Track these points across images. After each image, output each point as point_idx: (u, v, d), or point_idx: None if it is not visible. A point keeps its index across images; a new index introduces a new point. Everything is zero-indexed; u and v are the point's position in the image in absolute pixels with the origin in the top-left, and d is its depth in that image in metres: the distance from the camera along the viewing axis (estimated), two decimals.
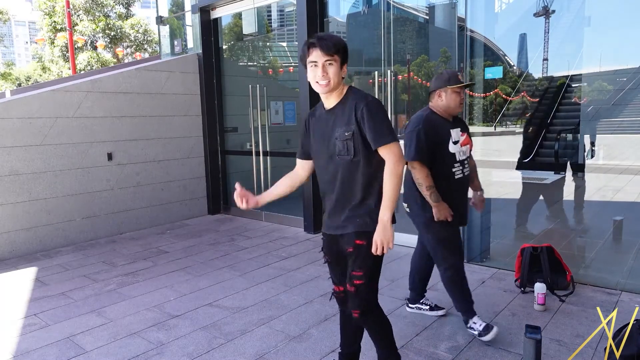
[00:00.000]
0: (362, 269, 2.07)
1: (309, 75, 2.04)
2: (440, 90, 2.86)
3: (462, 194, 2.98)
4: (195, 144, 6.68)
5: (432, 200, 2.79)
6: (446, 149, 2.82)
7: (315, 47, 1.99)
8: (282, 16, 6.70)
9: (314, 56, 2.00)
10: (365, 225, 2.07)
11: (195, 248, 5.15)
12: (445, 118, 2.89)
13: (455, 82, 2.83)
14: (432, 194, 2.78)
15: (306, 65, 2.04)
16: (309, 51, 2.01)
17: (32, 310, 3.57)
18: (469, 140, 2.96)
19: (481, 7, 4.40)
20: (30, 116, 5.05)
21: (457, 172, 2.87)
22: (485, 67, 4.34)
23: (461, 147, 2.88)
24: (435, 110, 2.90)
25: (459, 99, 2.86)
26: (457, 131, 2.88)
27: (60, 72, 24.65)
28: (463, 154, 2.89)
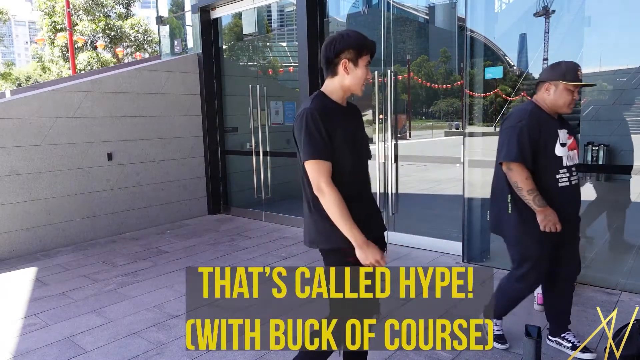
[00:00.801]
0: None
1: (362, 74, 1.95)
2: (550, 83, 2.46)
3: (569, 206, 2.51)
4: (195, 144, 6.68)
5: (537, 205, 2.39)
6: (551, 152, 2.44)
7: (372, 51, 1.98)
8: (282, 16, 6.70)
9: (370, 57, 1.98)
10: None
11: (195, 248, 5.15)
12: (551, 115, 2.51)
13: (572, 78, 2.42)
14: (536, 198, 2.40)
15: (357, 63, 1.94)
16: (369, 52, 1.96)
17: (32, 310, 3.57)
18: (576, 145, 2.54)
19: (481, 7, 4.40)
20: (30, 116, 5.05)
21: (563, 180, 2.47)
22: (485, 67, 4.34)
23: (569, 150, 2.47)
24: (540, 104, 2.53)
25: (570, 99, 2.45)
26: (564, 132, 2.48)
27: (60, 72, 24.65)
28: (570, 159, 2.48)
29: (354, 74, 1.95)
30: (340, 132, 1.93)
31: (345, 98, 2.04)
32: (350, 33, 1.98)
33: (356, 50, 1.93)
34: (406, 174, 5.32)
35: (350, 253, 1.94)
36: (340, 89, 2.00)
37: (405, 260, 4.49)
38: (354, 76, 1.96)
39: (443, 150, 5.54)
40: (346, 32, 1.98)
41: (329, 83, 2.01)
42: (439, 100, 5.31)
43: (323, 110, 1.91)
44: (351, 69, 1.95)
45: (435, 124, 5.44)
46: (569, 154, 2.47)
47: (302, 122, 1.89)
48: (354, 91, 2.00)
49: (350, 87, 1.98)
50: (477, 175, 4.46)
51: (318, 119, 1.87)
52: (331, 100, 1.99)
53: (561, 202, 2.45)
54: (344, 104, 2.04)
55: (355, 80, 1.96)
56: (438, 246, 4.77)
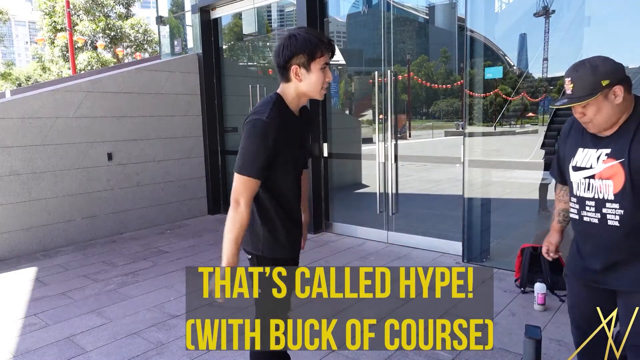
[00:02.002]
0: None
1: (318, 79, 1.78)
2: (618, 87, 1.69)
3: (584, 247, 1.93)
4: (195, 144, 6.68)
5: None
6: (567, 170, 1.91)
7: (329, 48, 1.79)
8: (282, 16, 6.70)
9: (328, 58, 1.79)
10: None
11: (195, 248, 5.15)
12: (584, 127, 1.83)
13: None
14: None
15: (309, 67, 1.76)
16: (323, 53, 1.77)
17: (32, 310, 3.57)
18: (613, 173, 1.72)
19: (481, 7, 4.40)
20: (30, 116, 5.05)
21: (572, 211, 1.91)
22: (485, 67, 4.34)
23: (590, 179, 1.79)
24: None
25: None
26: (590, 153, 1.80)
27: (60, 72, 24.65)
28: (590, 189, 1.80)
29: (308, 79, 1.78)
30: (288, 149, 1.82)
31: (300, 105, 1.89)
32: (299, 34, 1.75)
33: (307, 54, 1.73)
34: (406, 174, 5.32)
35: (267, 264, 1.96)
36: (295, 95, 1.83)
37: (405, 260, 4.50)
38: (308, 82, 1.78)
39: (443, 150, 5.54)
40: (295, 34, 1.76)
41: (284, 87, 1.83)
42: (439, 100, 5.31)
43: (279, 123, 1.75)
44: (303, 74, 1.77)
45: (435, 124, 5.44)
46: (591, 183, 1.79)
47: (251, 131, 1.73)
48: (312, 97, 1.84)
49: (307, 93, 1.82)
50: (477, 175, 4.46)
51: (268, 136, 1.71)
52: (287, 107, 1.83)
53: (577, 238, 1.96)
54: (297, 111, 1.88)
55: (310, 87, 1.79)
56: (438, 246, 4.77)
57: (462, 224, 4.39)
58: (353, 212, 5.91)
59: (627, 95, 1.70)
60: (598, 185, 1.76)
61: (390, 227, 5.16)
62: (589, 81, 1.67)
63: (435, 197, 5.70)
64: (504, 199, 4.78)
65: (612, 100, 1.68)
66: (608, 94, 1.67)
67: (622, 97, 1.68)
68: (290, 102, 1.84)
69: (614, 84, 1.66)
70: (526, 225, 4.70)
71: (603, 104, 1.68)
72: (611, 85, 1.66)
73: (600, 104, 1.68)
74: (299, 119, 1.90)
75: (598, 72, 1.67)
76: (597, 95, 1.66)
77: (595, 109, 1.69)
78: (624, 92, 1.68)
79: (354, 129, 6.02)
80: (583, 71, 1.70)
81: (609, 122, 1.72)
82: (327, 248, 5.06)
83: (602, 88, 1.66)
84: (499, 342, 2.85)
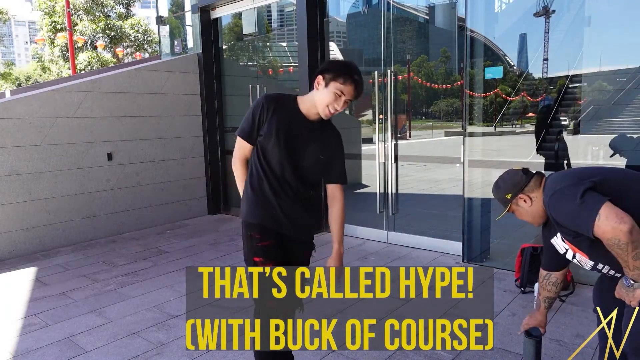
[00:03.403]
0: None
1: (327, 97, 1.99)
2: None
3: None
4: (195, 144, 6.68)
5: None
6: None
7: (353, 85, 1.98)
8: (282, 16, 6.70)
9: (346, 91, 1.98)
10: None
11: (195, 248, 5.15)
12: None
13: None
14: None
15: (328, 84, 1.98)
16: (345, 83, 1.97)
17: (32, 310, 3.57)
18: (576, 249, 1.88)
19: (481, 7, 4.40)
20: (30, 116, 5.05)
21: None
22: (485, 67, 4.34)
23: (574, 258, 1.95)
24: None
25: None
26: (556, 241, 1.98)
27: (60, 72, 24.64)
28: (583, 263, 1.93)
29: (321, 92, 2.01)
30: (277, 128, 2.05)
31: (314, 113, 2.08)
32: (344, 61, 2.11)
33: (333, 74, 1.98)
34: (406, 174, 5.32)
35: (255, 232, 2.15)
36: (310, 102, 2.07)
37: (405, 260, 4.50)
38: (320, 94, 2.02)
39: (443, 150, 5.54)
40: (344, 60, 2.15)
41: (309, 94, 2.11)
42: (439, 100, 5.32)
43: (273, 100, 2.09)
44: (321, 86, 2.01)
45: (435, 124, 5.44)
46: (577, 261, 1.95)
47: (253, 102, 2.14)
48: (318, 109, 2.05)
49: (316, 103, 2.04)
50: (477, 175, 4.46)
51: (259, 105, 2.07)
52: (296, 106, 2.10)
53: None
54: (311, 117, 2.09)
55: (320, 98, 2.02)
56: (438, 246, 4.77)
57: (462, 224, 4.39)
58: (353, 212, 5.91)
59: (537, 192, 1.93)
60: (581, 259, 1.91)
61: (390, 227, 5.16)
62: (499, 198, 2.02)
63: (435, 197, 5.70)
64: None
65: (524, 205, 1.95)
66: (518, 202, 1.96)
67: (530, 199, 1.94)
68: (303, 105, 2.09)
69: (516, 195, 1.95)
70: (526, 225, 4.68)
71: (520, 210, 1.98)
72: (514, 197, 1.95)
73: (518, 210, 1.99)
74: (311, 122, 2.10)
75: (500, 191, 1.99)
76: (510, 206, 1.98)
77: (519, 215, 2.00)
78: (529, 195, 1.93)
79: (354, 128, 6.02)
80: (494, 191, 2.04)
81: (536, 219, 1.99)
82: (327, 248, 5.04)
83: (509, 200, 1.96)
84: (499, 342, 2.85)
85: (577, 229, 1.72)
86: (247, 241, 2.17)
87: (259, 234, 2.12)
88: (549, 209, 1.84)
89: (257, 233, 2.12)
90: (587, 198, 1.66)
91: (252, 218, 2.16)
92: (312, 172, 2.16)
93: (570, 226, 1.77)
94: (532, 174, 1.98)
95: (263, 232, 2.12)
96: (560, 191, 1.77)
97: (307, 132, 2.09)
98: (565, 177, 1.86)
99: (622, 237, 1.58)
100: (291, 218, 2.15)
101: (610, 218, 1.59)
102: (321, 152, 2.14)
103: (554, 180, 1.88)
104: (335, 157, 2.20)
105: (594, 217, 1.61)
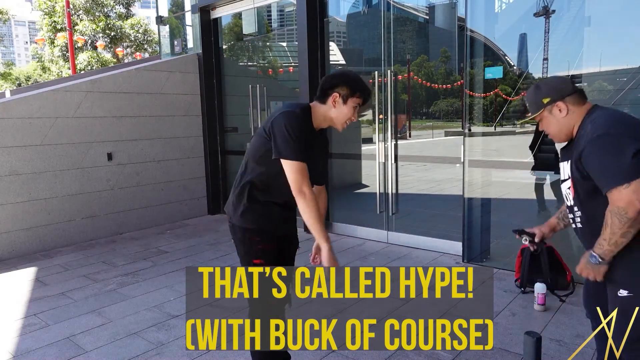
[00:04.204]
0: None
1: (348, 113, 2.06)
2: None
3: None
4: (195, 144, 6.68)
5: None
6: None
7: (368, 96, 2.09)
8: (282, 16, 6.70)
9: (362, 102, 2.08)
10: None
11: (195, 248, 5.15)
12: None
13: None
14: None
15: (346, 101, 2.04)
16: (361, 97, 2.06)
17: (32, 310, 3.57)
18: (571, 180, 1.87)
19: (481, 7, 4.40)
20: (30, 116, 5.05)
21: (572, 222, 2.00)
22: (485, 67, 4.34)
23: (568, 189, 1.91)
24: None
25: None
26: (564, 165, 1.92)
27: (60, 72, 24.63)
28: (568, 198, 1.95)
29: (340, 109, 2.05)
30: (307, 151, 2.02)
31: (320, 126, 2.13)
32: (352, 74, 2.11)
33: (350, 89, 2.03)
34: (406, 174, 5.32)
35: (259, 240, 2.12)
36: (323, 117, 2.09)
37: (405, 260, 4.50)
38: (339, 112, 2.05)
39: (443, 150, 5.54)
40: (349, 72, 2.15)
41: (317, 105, 2.10)
42: (439, 100, 5.32)
43: (305, 121, 2.05)
44: (339, 103, 2.04)
45: (435, 124, 5.44)
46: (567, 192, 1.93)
47: (290, 119, 1.96)
48: (335, 125, 2.10)
49: (333, 120, 2.08)
50: (477, 175, 4.46)
51: (303, 126, 1.99)
52: (311, 121, 2.10)
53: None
54: (317, 129, 2.14)
55: (339, 116, 2.06)
56: (438, 246, 4.77)
57: (462, 224, 4.39)
58: (353, 212, 5.91)
59: (576, 108, 1.84)
60: (568, 193, 1.92)
61: (390, 227, 5.16)
62: (532, 101, 1.91)
63: (435, 197, 5.70)
64: (504, 199, 4.78)
65: (558, 115, 1.85)
66: (552, 109, 1.86)
67: (568, 111, 1.84)
68: (315, 118, 2.10)
69: (555, 101, 1.84)
70: (526, 225, 4.68)
71: (550, 119, 1.88)
72: (552, 102, 1.85)
73: (548, 119, 1.89)
74: (316, 133, 2.14)
75: (539, 92, 1.89)
76: (541, 111, 1.88)
77: (546, 124, 1.91)
78: (568, 106, 1.84)
79: (354, 129, 6.02)
80: (530, 92, 1.94)
81: (561, 134, 1.90)
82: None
83: (544, 105, 1.87)
84: (499, 342, 2.85)
85: (598, 177, 1.68)
86: (244, 244, 2.16)
87: (258, 237, 2.12)
88: (588, 144, 1.70)
89: (257, 236, 2.12)
90: (633, 161, 1.59)
91: (251, 224, 2.13)
92: (315, 178, 2.19)
93: (594, 170, 1.70)
94: (578, 88, 1.87)
95: (263, 235, 2.13)
96: (610, 136, 1.66)
97: (314, 140, 2.13)
98: (623, 124, 1.71)
99: (631, 213, 1.59)
100: (289, 222, 2.27)
101: (637, 192, 1.57)
102: (321, 156, 2.24)
103: (609, 119, 1.74)
104: (325, 160, 2.33)
105: (622, 182, 1.59)
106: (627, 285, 1.76)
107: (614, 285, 1.80)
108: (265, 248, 2.12)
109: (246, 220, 2.12)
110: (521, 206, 4.85)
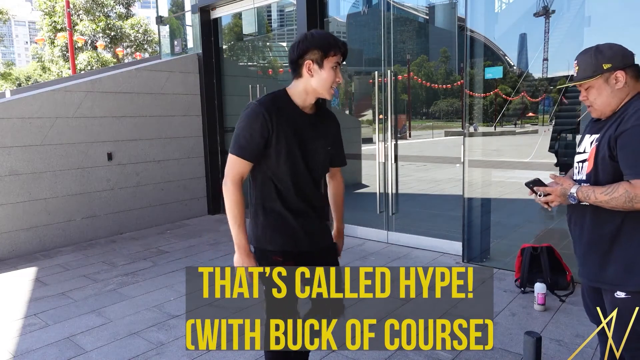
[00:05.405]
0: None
1: (329, 77, 1.82)
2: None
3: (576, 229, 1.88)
4: (195, 144, 6.68)
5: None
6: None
7: (342, 49, 1.85)
8: (282, 16, 6.70)
9: (340, 59, 1.85)
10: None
11: (195, 248, 5.15)
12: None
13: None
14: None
15: (322, 64, 1.81)
16: (336, 53, 1.82)
17: (32, 310, 3.57)
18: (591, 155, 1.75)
19: (481, 7, 4.40)
20: (30, 116, 5.05)
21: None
22: (485, 67, 4.34)
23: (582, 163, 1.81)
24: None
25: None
26: (588, 138, 1.81)
27: (60, 72, 24.64)
28: (579, 172, 1.82)
29: (319, 76, 1.82)
30: (286, 138, 1.84)
31: (311, 102, 1.92)
32: (315, 33, 1.84)
33: (321, 51, 1.79)
34: (406, 174, 5.32)
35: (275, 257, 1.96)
36: (304, 91, 1.87)
37: (405, 260, 4.50)
38: (319, 78, 1.82)
39: (443, 150, 5.55)
40: (312, 32, 1.85)
41: (294, 84, 1.90)
42: (439, 100, 5.32)
43: (272, 107, 1.82)
44: (315, 70, 1.82)
45: (435, 124, 5.44)
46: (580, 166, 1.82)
47: (243, 114, 1.84)
48: (321, 95, 1.88)
49: (316, 89, 1.85)
50: (477, 175, 4.46)
51: (258, 118, 1.79)
52: (291, 101, 1.89)
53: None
54: (308, 109, 1.93)
55: (321, 83, 1.83)
56: (438, 246, 4.77)
57: (462, 224, 4.39)
58: (353, 212, 5.91)
59: (632, 82, 1.69)
60: (582, 167, 1.79)
61: (390, 227, 5.16)
62: (590, 63, 1.71)
63: (435, 197, 5.70)
64: (504, 199, 4.78)
65: (613, 85, 1.69)
66: (609, 77, 1.69)
67: (624, 83, 1.68)
68: (297, 97, 1.89)
69: (616, 69, 1.68)
70: (526, 225, 4.70)
71: (603, 88, 1.70)
72: (613, 69, 1.68)
73: (601, 87, 1.70)
74: (309, 116, 1.93)
75: (601, 56, 1.70)
76: (597, 77, 1.69)
77: (595, 92, 1.72)
78: (627, 78, 1.68)
79: (354, 128, 6.02)
80: (588, 54, 1.74)
81: (608, 107, 1.72)
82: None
83: (603, 71, 1.68)
84: (499, 342, 2.85)
85: (632, 163, 1.58)
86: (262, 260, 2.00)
87: (280, 257, 1.96)
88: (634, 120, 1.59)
89: (279, 256, 1.95)
90: None
91: (271, 246, 1.96)
92: (321, 167, 2.05)
93: (626, 154, 1.59)
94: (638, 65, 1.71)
95: (284, 256, 1.97)
96: None
97: (311, 130, 1.93)
98: None
99: (639, 205, 1.55)
100: (312, 235, 2.01)
101: None
102: (328, 145, 2.04)
103: None
104: (337, 143, 2.11)
105: None
106: (623, 286, 1.74)
107: (609, 286, 1.79)
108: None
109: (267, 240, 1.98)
110: (521, 206, 4.86)
